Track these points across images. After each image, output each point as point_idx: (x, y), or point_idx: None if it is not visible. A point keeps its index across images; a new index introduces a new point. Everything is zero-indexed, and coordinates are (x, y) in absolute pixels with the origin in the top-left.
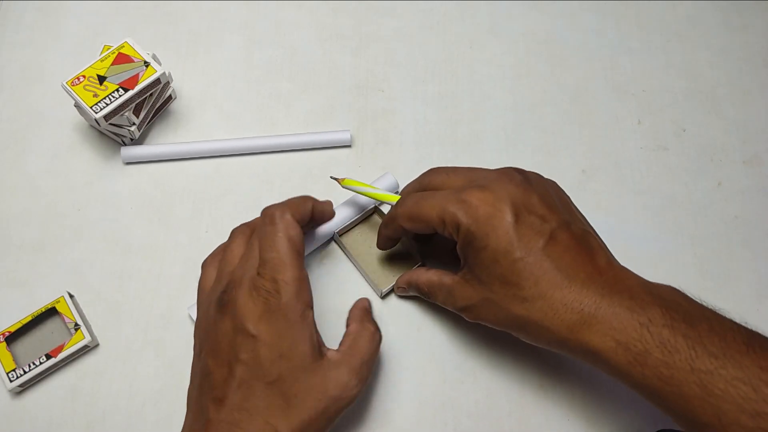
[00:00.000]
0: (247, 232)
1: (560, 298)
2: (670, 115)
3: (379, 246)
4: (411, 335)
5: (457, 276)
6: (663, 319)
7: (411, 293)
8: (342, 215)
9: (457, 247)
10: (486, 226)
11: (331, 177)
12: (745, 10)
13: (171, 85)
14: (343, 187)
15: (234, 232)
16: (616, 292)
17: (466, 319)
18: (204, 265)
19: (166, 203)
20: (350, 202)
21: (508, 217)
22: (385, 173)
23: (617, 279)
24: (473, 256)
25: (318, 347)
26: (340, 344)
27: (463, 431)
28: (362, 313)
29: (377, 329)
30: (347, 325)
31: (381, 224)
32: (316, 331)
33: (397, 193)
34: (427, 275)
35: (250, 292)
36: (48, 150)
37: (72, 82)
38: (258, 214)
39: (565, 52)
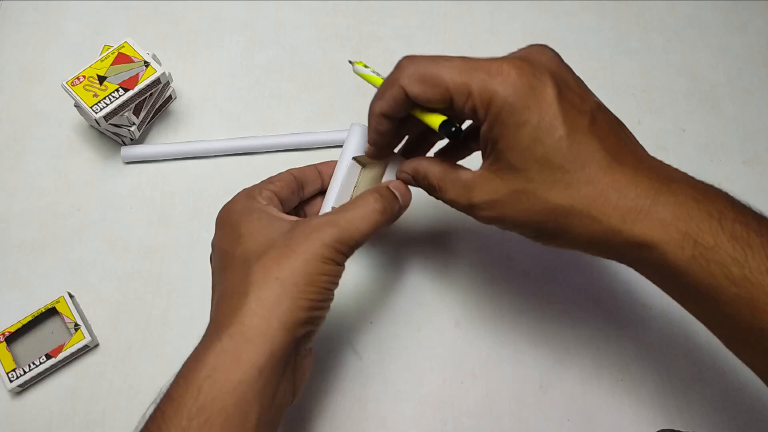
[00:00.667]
0: None
1: (611, 182)
2: (670, 115)
3: (371, 140)
4: (411, 335)
5: (479, 169)
6: (733, 213)
7: (414, 184)
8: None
9: (483, 128)
10: (527, 97)
11: (348, 61)
12: (745, 10)
13: (171, 85)
14: (355, 71)
15: None
16: (674, 181)
17: (481, 218)
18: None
19: (166, 203)
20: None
21: (551, 90)
22: (352, 126)
23: (664, 169)
24: (508, 136)
25: (281, 217)
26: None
27: (463, 431)
28: (393, 185)
29: (386, 207)
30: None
31: (373, 99)
32: (273, 209)
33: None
34: (441, 166)
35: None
36: (48, 150)
37: (72, 82)
38: None
39: (565, 52)
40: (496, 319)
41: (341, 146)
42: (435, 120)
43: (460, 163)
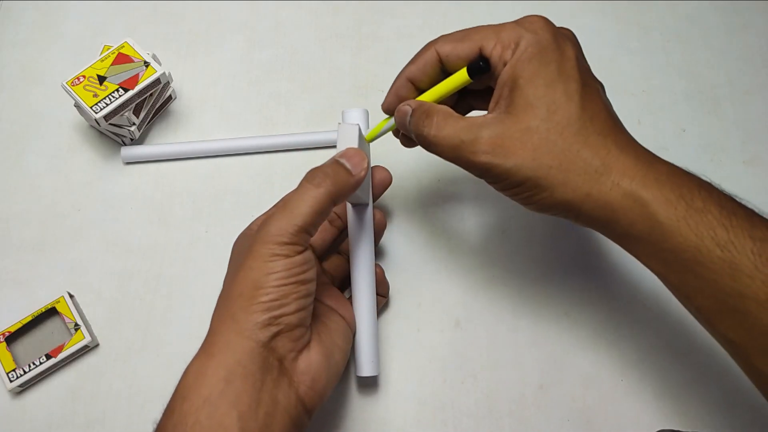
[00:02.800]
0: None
1: (615, 140)
2: (670, 115)
3: (386, 103)
4: (411, 335)
5: (488, 115)
6: (718, 191)
7: (405, 125)
8: None
9: (506, 69)
10: (552, 44)
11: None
12: (745, 10)
13: (171, 85)
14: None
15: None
16: (663, 161)
17: (477, 162)
18: None
19: (166, 203)
20: None
21: (572, 49)
22: (341, 122)
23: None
24: (530, 72)
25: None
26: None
27: (463, 431)
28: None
29: (323, 178)
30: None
31: (405, 66)
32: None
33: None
34: (443, 107)
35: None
36: (48, 150)
37: (72, 82)
38: (258, 214)
39: None
40: (496, 319)
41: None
42: (461, 72)
43: None
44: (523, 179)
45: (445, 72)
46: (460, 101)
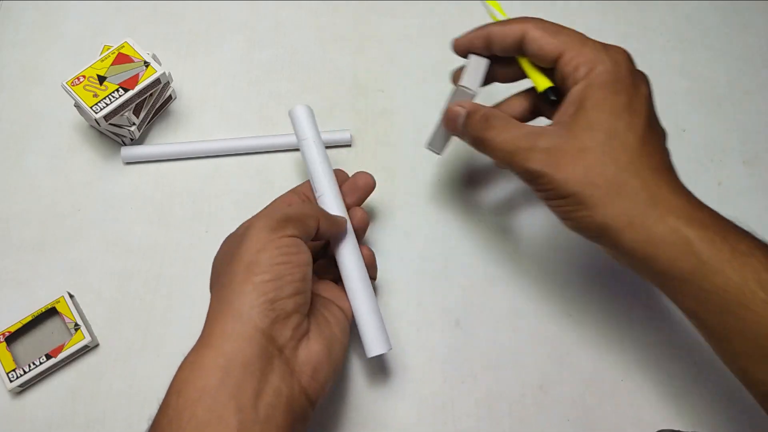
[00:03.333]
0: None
1: (667, 181)
2: (670, 115)
3: (460, 42)
4: (411, 335)
5: (548, 126)
6: (760, 238)
7: (458, 122)
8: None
9: (578, 87)
10: (627, 78)
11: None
12: (745, 10)
13: (171, 85)
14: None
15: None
16: (711, 209)
17: (530, 169)
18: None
19: (166, 203)
20: None
21: (646, 87)
22: (291, 111)
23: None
24: (600, 97)
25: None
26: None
27: (463, 431)
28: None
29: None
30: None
31: (489, 24)
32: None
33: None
34: (502, 112)
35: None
36: (48, 150)
37: (72, 82)
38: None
39: None
40: (496, 319)
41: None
42: (542, 81)
43: None
44: (569, 193)
45: (519, 50)
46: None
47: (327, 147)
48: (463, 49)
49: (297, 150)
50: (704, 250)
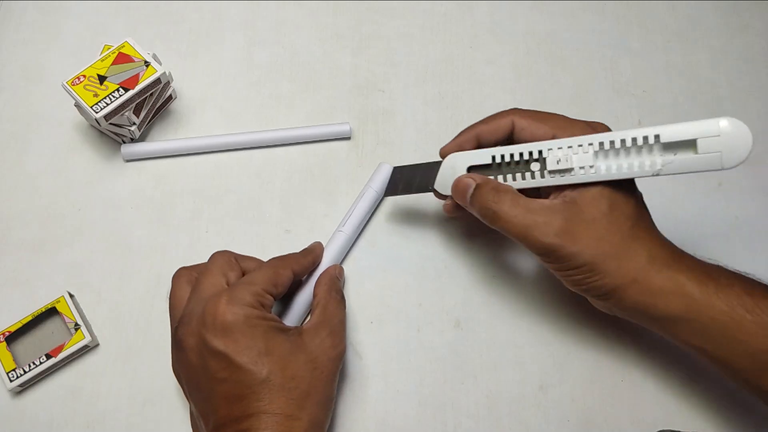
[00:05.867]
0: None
1: (657, 236)
2: (670, 115)
3: (448, 148)
4: (411, 335)
5: (555, 201)
6: (734, 271)
7: (465, 197)
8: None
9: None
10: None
11: None
12: (745, 11)
13: (171, 84)
14: None
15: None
16: (688, 254)
17: (538, 242)
18: (175, 278)
19: (166, 203)
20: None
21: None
22: (380, 164)
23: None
24: (604, 204)
25: (287, 329)
26: (312, 312)
27: (463, 431)
28: (329, 281)
29: (342, 297)
30: (314, 294)
31: (475, 124)
32: (276, 319)
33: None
34: (517, 192)
35: (199, 324)
36: (48, 150)
37: (72, 81)
38: (258, 213)
39: (565, 52)
40: (496, 320)
41: (341, 138)
42: None
43: None
44: (582, 263)
45: (510, 140)
46: None
47: (325, 141)
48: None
49: (296, 145)
50: (694, 289)
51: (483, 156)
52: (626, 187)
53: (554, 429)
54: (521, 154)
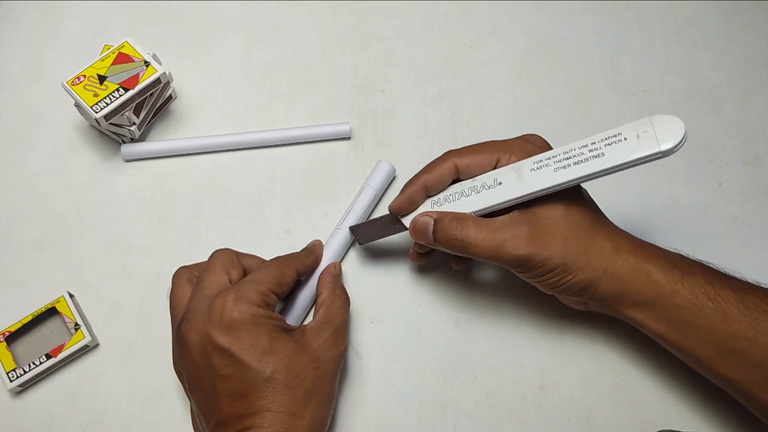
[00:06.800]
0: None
1: (614, 228)
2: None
3: (397, 205)
4: (411, 336)
5: (513, 215)
6: (694, 258)
7: (426, 235)
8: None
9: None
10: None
11: None
12: (745, 10)
13: (171, 84)
14: None
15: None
16: (649, 242)
17: (511, 256)
18: (175, 277)
19: (166, 203)
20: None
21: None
22: (378, 162)
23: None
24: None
25: (291, 329)
26: (315, 312)
27: (463, 431)
28: (332, 280)
29: (347, 296)
30: (318, 294)
31: (418, 173)
32: (281, 319)
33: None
34: (466, 214)
35: (206, 317)
36: (48, 150)
37: (72, 81)
38: (258, 213)
39: (565, 52)
40: (496, 320)
41: (341, 138)
42: None
43: None
44: (555, 266)
45: (456, 182)
46: None
47: (326, 140)
48: (405, 208)
49: (296, 145)
50: (660, 277)
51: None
52: (573, 190)
53: (554, 429)
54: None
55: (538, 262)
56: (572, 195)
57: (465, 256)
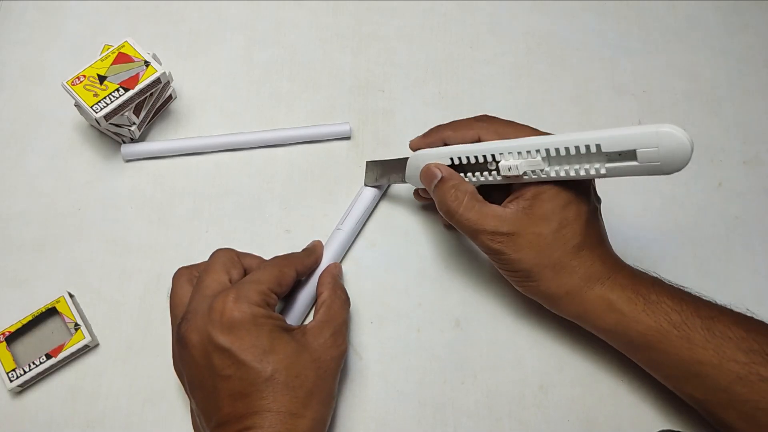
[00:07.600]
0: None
1: (600, 254)
2: (670, 115)
3: (418, 142)
4: (411, 336)
5: (507, 208)
6: (667, 283)
7: (428, 193)
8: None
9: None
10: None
11: None
12: (745, 11)
13: (171, 84)
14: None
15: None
16: (628, 266)
17: (490, 245)
18: (175, 277)
19: (166, 203)
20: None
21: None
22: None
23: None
24: (555, 194)
25: (291, 329)
26: (315, 312)
27: (463, 431)
28: (333, 280)
29: (347, 296)
30: (318, 294)
31: (443, 125)
32: (281, 319)
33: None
34: (472, 189)
35: (206, 317)
36: (48, 150)
37: (72, 81)
38: (258, 213)
39: (565, 52)
40: (496, 320)
41: (341, 138)
42: None
43: None
44: (521, 269)
45: None
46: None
47: (326, 140)
48: (419, 147)
49: (296, 145)
50: (623, 306)
51: (443, 158)
52: (580, 200)
53: (554, 429)
54: (476, 158)
55: (507, 260)
56: (573, 209)
57: (449, 221)
